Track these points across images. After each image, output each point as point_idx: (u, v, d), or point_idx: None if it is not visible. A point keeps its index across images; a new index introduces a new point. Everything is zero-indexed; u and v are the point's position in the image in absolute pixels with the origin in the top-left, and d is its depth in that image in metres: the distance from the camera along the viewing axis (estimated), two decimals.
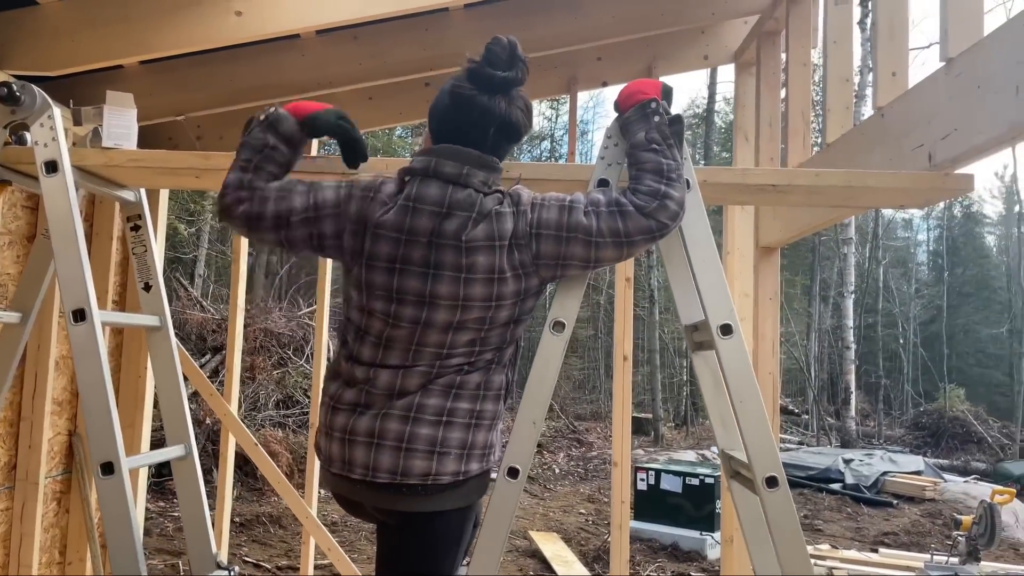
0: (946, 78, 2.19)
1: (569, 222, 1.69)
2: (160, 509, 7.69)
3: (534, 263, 1.71)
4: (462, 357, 1.76)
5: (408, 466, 1.70)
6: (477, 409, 1.77)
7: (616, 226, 1.70)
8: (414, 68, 3.81)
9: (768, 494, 1.79)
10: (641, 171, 1.78)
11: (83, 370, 1.84)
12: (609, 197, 1.74)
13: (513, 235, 1.68)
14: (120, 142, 2.07)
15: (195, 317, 10.08)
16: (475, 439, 1.76)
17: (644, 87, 1.88)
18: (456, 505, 1.77)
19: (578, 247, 1.70)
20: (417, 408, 1.72)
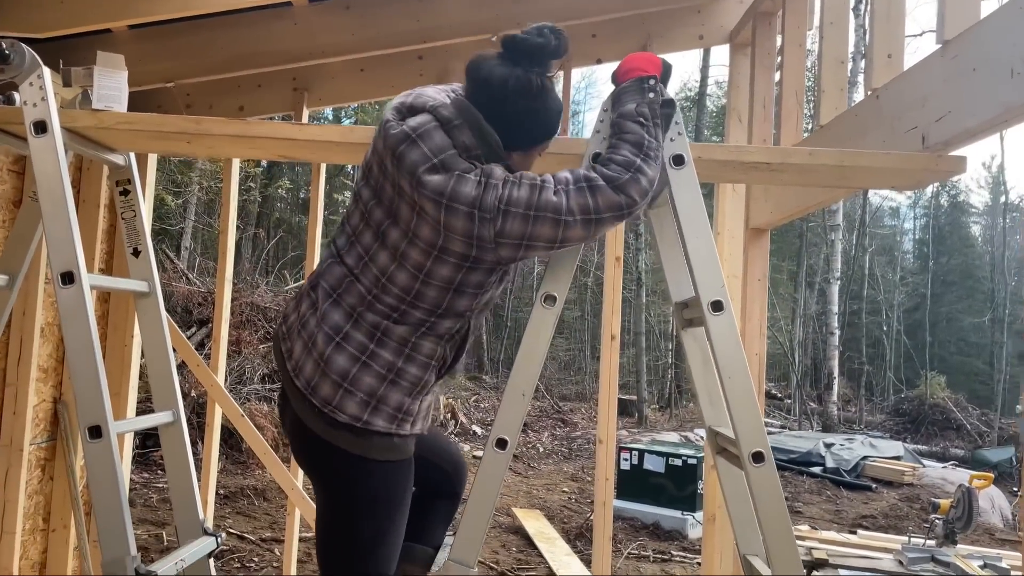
0: (942, 60, 2.19)
1: (539, 201, 1.65)
2: (144, 480, 7.68)
3: (495, 240, 1.66)
4: (394, 300, 1.74)
5: (317, 386, 1.74)
6: (399, 365, 1.75)
7: (586, 202, 1.66)
8: (407, 40, 3.77)
9: (754, 469, 1.81)
10: (622, 140, 1.75)
11: (71, 333, 1.83)
12: (577, 174, 1.70)
13: (478, 206, 1.64)
14: (110, 104, 2.04)
15: (181, 289, 10.03)
16: (387, 394, 1.75)
17: (645, 64, 1.86)
18: (350, 449, 1.75)
19: (546, 227, 1.66)
20: (343, 336, 1.74)
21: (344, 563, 1.81)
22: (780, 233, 18.25)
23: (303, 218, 19.41)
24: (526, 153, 1.83)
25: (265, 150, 2.23)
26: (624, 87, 1.83)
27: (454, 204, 1.63)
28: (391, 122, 1.74)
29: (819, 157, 1.99)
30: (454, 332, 1.84)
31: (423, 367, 1.79)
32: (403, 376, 1.76)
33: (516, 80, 1.73)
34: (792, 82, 3.42)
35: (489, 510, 1.86)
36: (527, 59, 1.74)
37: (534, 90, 1.74)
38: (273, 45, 3.62)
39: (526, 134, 1.80)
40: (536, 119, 1.79)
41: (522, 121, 1.77)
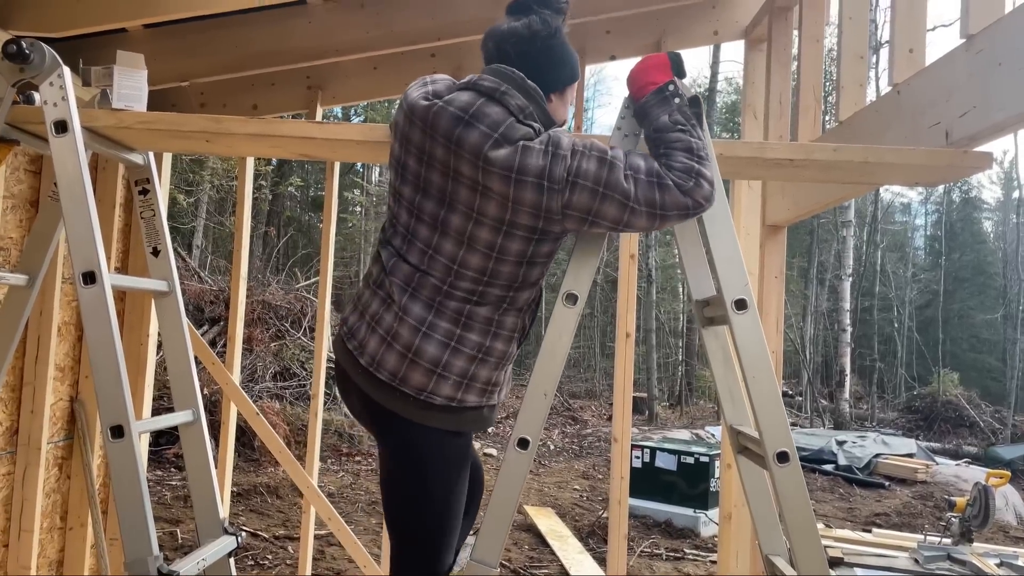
0: (966, 55, 2.16)
1: (608, 179, 1.66)
2: (158, 478, 7.71)
3: (562, 211, 1.68)
4: (471, 283, 1.76)
5: (407, 375, 1.77)
6: (487, 344, 1.80)
7: (653, 197, 1.67)
8: (421, 37, 3.76)
9: (779, 469, 1.80)
10: (671, 149, 1.74)
11: (93, 332, 1.83)
12: (650, 165, 1.71)
13: (546, 176, 1.65)
14: (130, 103, 2.04)
15: (193, 288, 10.06)
16: (477, 372, 1.80)
17: (654, 75, 1.84)
18: (445, 427, 1.82)
19: (612, 207, 1.68)
20: (429, 326, 1.77)
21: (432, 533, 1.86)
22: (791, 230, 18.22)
23: (313, 216, 19.46)
24: (561, 94, 1.87)
25: (285, 149, 2.22)
26: (646, 103, 1.81)
27: (523, 177, 1.64)
28: (435, 105, 1.73)
29: (844, 153, 1.97)
30: (530, 302, 1.88)
31: (507, 341, 1.84)
32: (491, 353, 1.81)
33: (531, 24, 1.79)
34: (809, 77, 3.39)
35: (511, 510, 1.86)
36: (537, 3, 1.81)
37: (551, 28, 1.81)
38: (288, 43, 3.61)
39: (555, 74, 1.84)
40: (561, 57, 1.84)
41: (548, 61, 1.81)
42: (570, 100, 1.91)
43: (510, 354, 1.87)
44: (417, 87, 1.85)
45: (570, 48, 1.87)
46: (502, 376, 1.89)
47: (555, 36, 1.81)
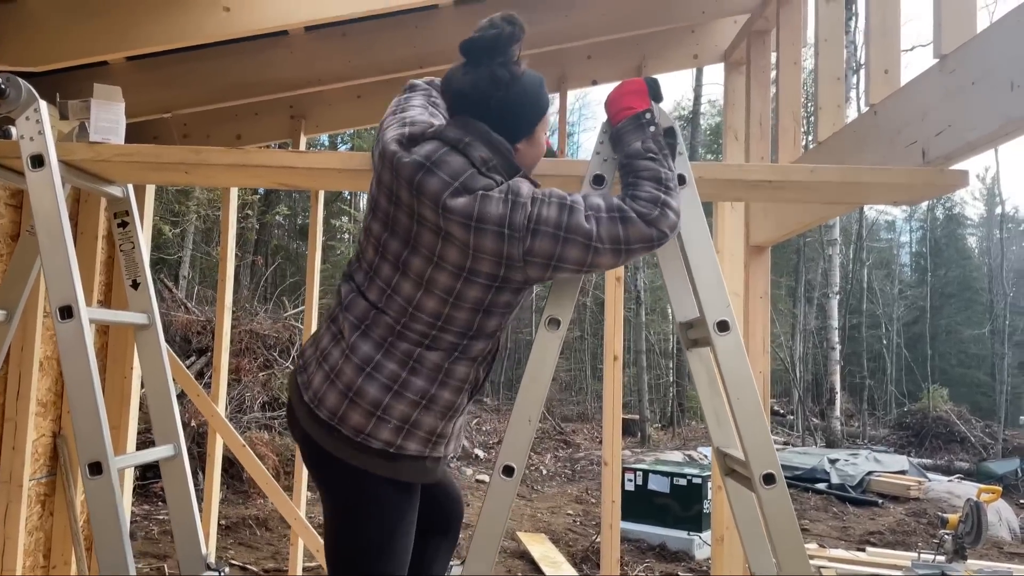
0: (940, 75, 2.19)
1: (569, 222, 1.65)
2: (145, 512, 7.60)
3: (524, 258, 1.66)
4: (425, 327, 1.72)
5: (345, 415, 1.72)
6: (432, 392, 1.74)
7: (616, 233, 1.66)
8: (403, 66, 3.78)
9: (765, 491, 1.78)
10: (639, 178, 1.74)
11: (70, 368, 1.80)
12: (610, 202, 1.70)
13: (507, 224, 1.63)
14: (108, 136, 2.03)
15: (180, 319, 9.99)
16: (421, 419, 1.74)
17: (631, 100, 1.84)
18: (381, 472, 1.75)
19: (575, 250, 1.66)
20: (375, 366, 1.73)
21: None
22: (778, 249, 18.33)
23: (301, 244, 19.43)
24: (529, 139, 1.82)
25: (264, 178, 2.22)
26: (622, 127, 1.82)
27: (483, 225, 1.62)
28: (399, 154, 1.72)
29: (821, 174, 1.98)
30: (486, 353, 1.83)
31: (456, 391, 1.78)
32: (436, 401, 1.75)
33: (483, 80, 1.74)
34: (788, 99, 3.43)
35: (498, 538, 1.83)
36: (487, 55, 1.75)
37: (504, 81, 1.74)
38: (270, 74, 3.62)
39: (516, 123, 1.78)
40: (521, 104, 1.78)
41: (507, 114, 1.76)
42: (544, 133, 1.87)
43: (459, 405, 1.80)
44: (395, 126, 1.82)
45: (527, 87, 1.79)
46: (450, 427, 1.81)
47: (511, 87, 1.75)
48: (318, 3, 3.13)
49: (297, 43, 3.61)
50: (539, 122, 1.82)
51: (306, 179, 2.21)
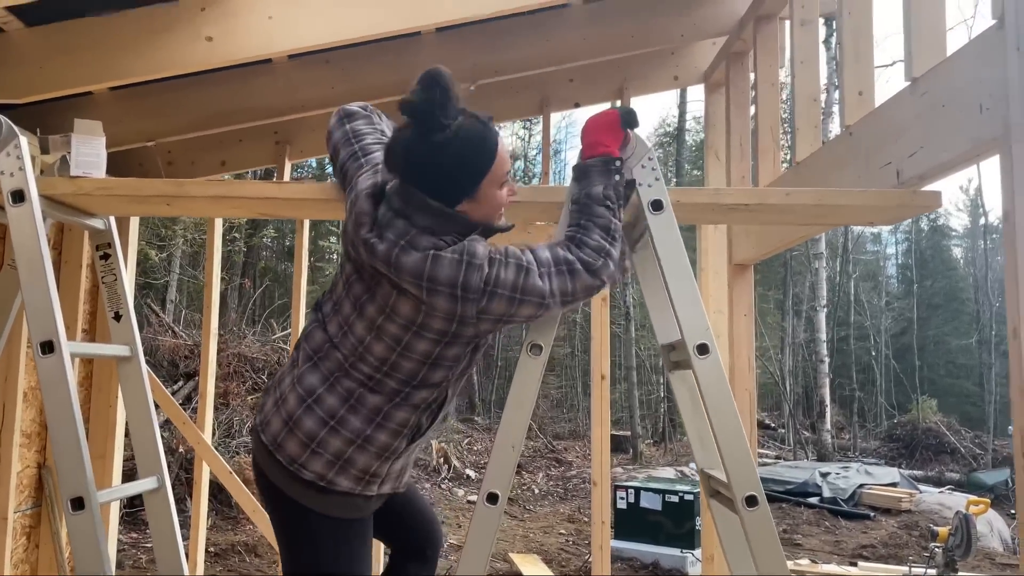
0: (911, 97, 2.23)
1: (525, 285, 1.67)
2: (133, 540, 7.52)
3: (477, 316, 1.68)
4: (371, 369, 1.74)
5: (283, 443, 1.76)
6: (368, 433, 1.75)
7: (565, 286, 1.71)
8: (387, 91, 3.80)
9: (748, 513, 1.79)
10: (592, 223, 1.78)
11: (51, 403, 1.80)
12: (557, 255, 1.73)
13: (460, 286, 1.64)
14: (89, 170, 2.04)
15: (167, 343, 9.94)
16: (354, 457, 1.75)
17: (604, 135, 1.86)
18: (311, 505, 1.77)
19: (529, 308, 1.70)
20: (316, 399, 1.75)
21: None
22: (765, 263, 18.40)
23: (289, 265, 19.36)
24: (473, 198, 1.73)
25: (246, 209, 2.23)
26: (592, 165, 1.84)
27: (435, 286, 1.64)
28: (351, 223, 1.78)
29: (796, 197, 2.01)
30: (430, 401, 1.82)
31: (394, 435, 1.78)
32: (372, 442, 1.76)
33: (415, 147, 1.68)
34: (767, 119, 3.47)
35: (483, 565, 1.83)
36: (418, 120, 1.68)
37: (435, 146, 1.66)
38: (254, 101, 3.64)
39: (452, 186, 1.71)
40: (456, 166, 1.69)
41: (441, 179, 1.70)
42: (494, 187, 1.75)
43: (396, 448, 1.79)
44: (367, 174, 1.84)
45: (467, 146, 1.70)
46: (385, 468, 1.81)
47: (442, 150, 1.67)
48: (301, 30, 3.15)
49: (280, 70, 3.63)
50: (482, 179, 1.72)
51: (288, 209, 2.22)
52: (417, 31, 3.52)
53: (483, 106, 4.36)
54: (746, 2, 3.64)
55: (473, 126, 1.71)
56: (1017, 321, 1.72)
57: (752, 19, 3.48)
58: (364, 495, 1.79)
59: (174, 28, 3.02)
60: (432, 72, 1.67)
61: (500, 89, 4.20)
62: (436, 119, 1.66)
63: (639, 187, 1.92)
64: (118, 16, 3.02)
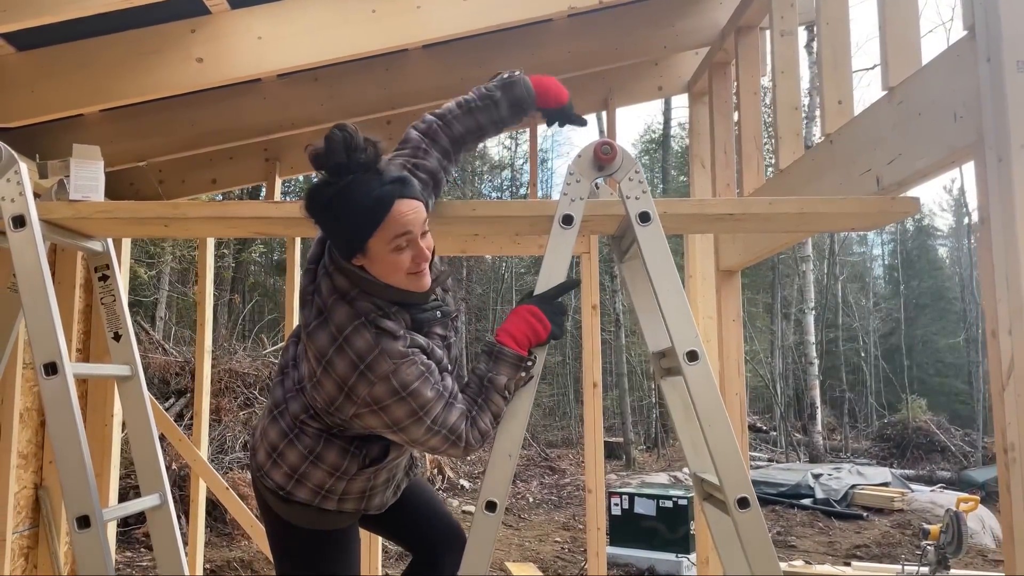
0: (888, 106, 2.29)
1: (407, 427, 1.72)
2: (128, 559, 7.50)
3: (351, 419, 1.77)
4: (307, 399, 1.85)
5: (257, 450, 1.94)
6: (318, 450, 1.84)
7: (437, 445, 1.77)
8: (375, 107, 3.86)
9: (740, 515, 1.84)
10: (487, 406, 1.82)
11: (56, 423, 1.83)
12: (456, 425, 1.76)
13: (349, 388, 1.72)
14: (88, 194, 2.07)
15: (158, 360, 9.92)
16: (309, 472, 1.85)
17: (528, 331, 1.86)
18: (273, 507, 1.92)
19: (391, 435, 1.78)
20: (280, 411, 1.90)
21: None
22: (753, 267, 18.56)
23: (279, 280, 19.35)
24: (365, 256, 1.72)
25: (242, 228, 2.27)
26: (507, 355, 1.84)
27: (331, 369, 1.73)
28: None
29: (779, 206, 2.07)
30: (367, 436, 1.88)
31: (342, 454, 1.86)
32: (322, 460, 1.85)
33: (315, 196, 1.73)
34: (750, 128, 3.54)
35: (483, 572, 1.87)
36: (321, 173, 1.72)
37: (327, 198, 1.69)
38: (243, 120, 3.68)
39: (344, 237, 1.72)
40: (343, 219, 1.69)
41: (334, 228, 1.74)
42: (387, 249, 1.70)
43: (347, 469, 1.86)
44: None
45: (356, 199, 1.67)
46: (341, 486, 1.87)
47: (332, 202, 1.68)
48: (289, 51, 3.20)
49: (270, 90, 3.67)
50: (369, 237, 1.69)
51: (283, 228, 2.26)
52: (404, 48, 3.57)
53: None
54: (727, 13, 3.72)
55: (367, 183, 1.68)
56: (995, 323, 1.78)
57: (733, 30, 3.55)
58: (322, 508, 1.89)
59: (164, 50, 3.06)
60: (338, 131, 1.68)
61: None
62: (333, 172, 1.69)
63: (626, 200, 1.97)
64: (108, 39, 3.06)
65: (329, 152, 1.67)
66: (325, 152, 1.68)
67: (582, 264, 4.18)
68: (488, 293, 23.23)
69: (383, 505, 2.03)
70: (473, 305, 23.28)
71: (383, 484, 1.98)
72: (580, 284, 1.96)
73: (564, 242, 1.97)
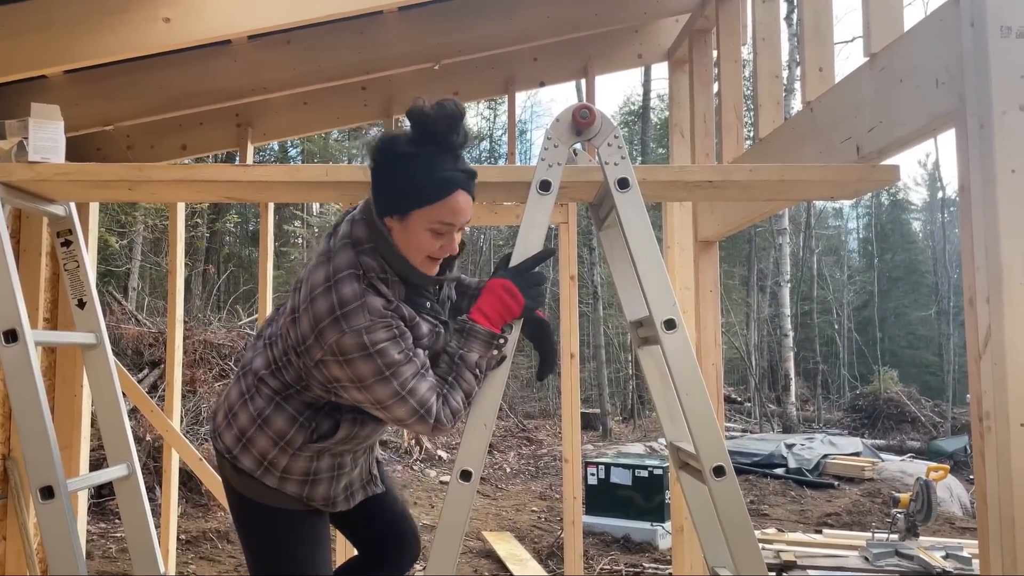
0: (870, 72, 2.27)
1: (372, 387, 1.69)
2: (102, 530, 7.45)
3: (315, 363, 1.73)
4: (274, 355, 1.86)
5: (217, 410, 1.96)
6: (266, 413, 1.84)
7: (403, 415, 1.72)
8: (349, 72, 3.77)
9: (716, 483, 1.83)
10: (458, 384, 1.79)
11: (17, 393, 1.78)
12: (426, 398, 1.73)
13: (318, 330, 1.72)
14: (47, 155, 2.00)
15: (130, 331, 9.79)
16: (254, 437, 1.85)
17: (510, 300, 1.83)
18: (225, 474, 1.93)
19: (356, 395, 1.73)
20: (243, 372, 1.92)
21: None
22: (730, 239, 18.59)
23: (253, 251, 19.15)
24: (401, 220, 1.74)
25: (210, 193, 2.21)
26: (478, 332, 1.81)
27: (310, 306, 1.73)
28: None
29: (759, 173, 2.04)
30: (323, 404, 1.86)
31: (289, 421, 1.84)
32: (269, 424, 1.85)
33: (391, 144, 1.73)
34: (730, 96, 3.50)
35: (458, 541, 1.85)
36: (412, 128, 1.73)
37: (405, 153, 1.71)
38: (214, 83, 3.59)
39: (394, 194, 1.74)
40: (404, 177, 1.71)
41: (390, 181, 1.74)
42: (422, 226, 1.73)
43: (291, 440, 1.83)
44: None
45: (430, 171, 1.70)
46: (283, 461, 1.85)
47: (407, 158, 1.70)
48: (260, 11, 3.10)
49: (241, 52, 3.58)
50: (415, 207, 1.72)
51: (253, 193, 2.20)
52: (379, 10, 3.49)
53: (448, 85, 4.35)
54: None
55: (444, 161, 1.71)
56: (973, 291, 1.77)
57: None
58: (262, 482, 1.85)
59: (129, 9, 2.95)
60: (453, 106, 1.70)
61: (465, 68, 4.18)
62: (422, 135, 1.70)
63: (605, 166, 1.93)
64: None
65: (436, 118, 1.68)
66: (431, 116, 1.69)
67: (560, 234, 4.15)
68: (466, 265, 23.17)
69: (329, 500, 1.94)
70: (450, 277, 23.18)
71: (327, 473, 1.91)
72: (556, 253, 1.91)
73: (541, 209, 1.93)
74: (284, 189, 2.15)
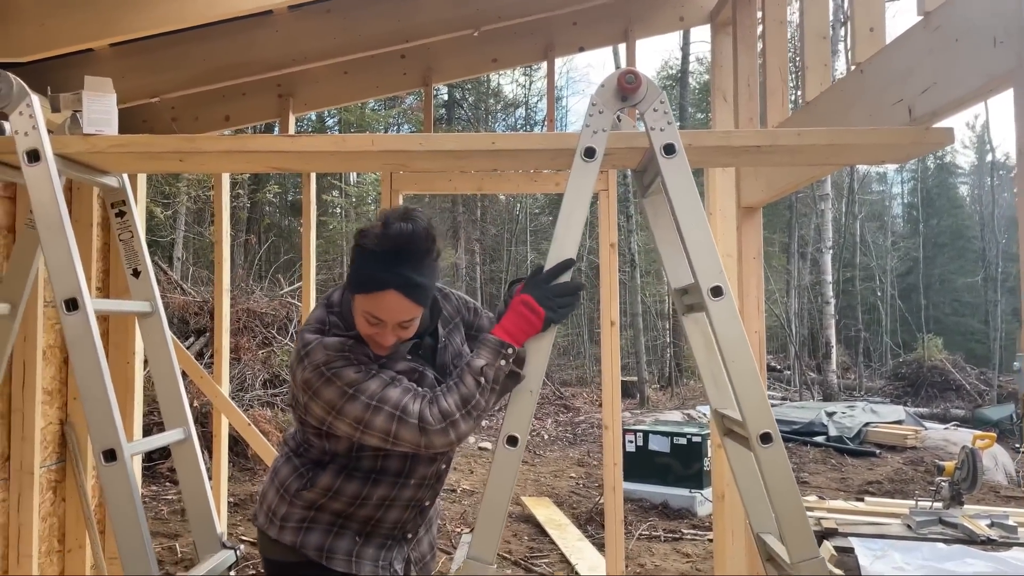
0: (924, 32, 2.20)
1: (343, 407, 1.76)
2: (153, 493, 7.70)
3: (304, 408, 1.86)
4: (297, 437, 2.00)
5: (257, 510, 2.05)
6: (277, 466, 2.00)
7: (388, 427, 1.75)
8: (389, 40, 3.77)
9: (763, 450, 1.83)
10: (457, 387, 1.78)
11: (79, 359, 1.84)
12: (400, 400, 1.75)
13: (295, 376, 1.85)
14: (101, 127, 2.04)
15: (176, 300, 10.02)
16: (267, 490, 2.00)
17: (531, 317, 1.83)
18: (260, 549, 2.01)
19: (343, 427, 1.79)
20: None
21: None
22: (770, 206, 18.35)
23: (293, 220, 19.39)
24: (352, 299, 1.85)
25: (258, 163, 2.23)
26: (487, 340, 1.82)
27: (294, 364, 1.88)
28: None
29: (808, 137, 2.00)
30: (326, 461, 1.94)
31: (292, 471, 1.96)
32: (276, 475, 1.99)
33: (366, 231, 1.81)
34: (775, 59, 3.42)
35: (504, 506, 1.88)
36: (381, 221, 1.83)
37: (359, 240, 1.81)
38: (256, 54, 3.61)
39: (349, 276, 1.84)
40: (355, 264, 1.81)
41: (352, 262, 1.84)
42: (359, 311, 1.81)
43: (289, 486, 1.94)
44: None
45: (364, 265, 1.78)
46: (283, 509, 1.93)
47: (358, 248, 1.81)
48: None
49: (281, 22, 3.59)
50: (355, 294, 1.81)
51: (298, 162, 2.22)
52: None
53: (487, 52, 4.34)
54: None
55: (385, 260, 1.76)
56: None
57: None
58: (267, 535, 1.94)
59: None
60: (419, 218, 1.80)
61: (504, 35, 4.15)
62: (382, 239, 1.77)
63: (651, 131, 1.91)
64: None
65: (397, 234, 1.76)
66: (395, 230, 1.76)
67: (600, 201, 4.13)
68: (502, 234, 23.16)
69: (323, 551, 1.90)
70: (488, 246, 23.26)
71: (324, 525, 1.92)
72: (575, 265, 1.91)
73: (586, 176, 1.92)
74: (330, 159, 2.17)
